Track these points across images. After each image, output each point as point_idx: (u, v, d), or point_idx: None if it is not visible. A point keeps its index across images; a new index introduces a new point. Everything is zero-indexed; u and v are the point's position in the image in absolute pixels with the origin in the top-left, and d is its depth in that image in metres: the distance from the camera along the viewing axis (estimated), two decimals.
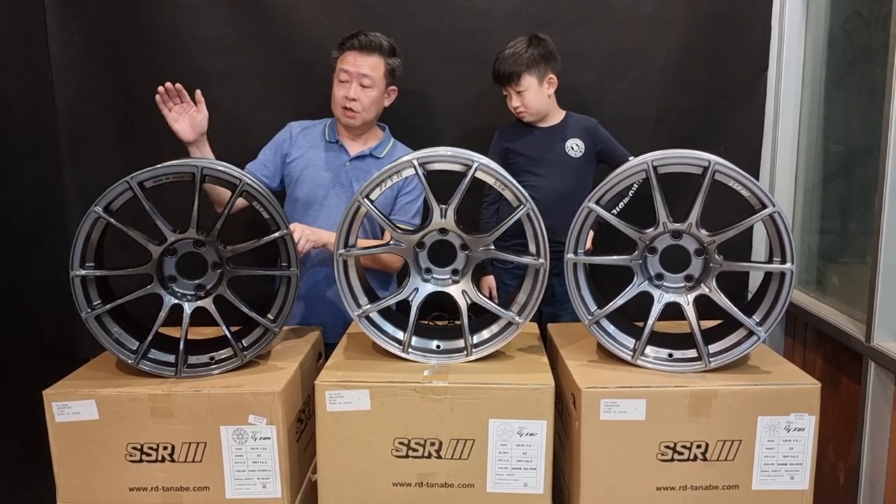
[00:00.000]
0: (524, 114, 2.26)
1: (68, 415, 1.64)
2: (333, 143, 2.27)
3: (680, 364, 1.72)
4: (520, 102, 2.24)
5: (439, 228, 1.75)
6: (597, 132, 2.31)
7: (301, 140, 2.27)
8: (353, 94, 2.17)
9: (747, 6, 2.44)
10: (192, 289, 1.79)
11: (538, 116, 2.29)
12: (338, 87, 2.20)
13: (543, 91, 2.25)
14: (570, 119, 2.34)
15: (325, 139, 2.28)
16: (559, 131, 2.32)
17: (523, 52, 2.21)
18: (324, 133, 2.29)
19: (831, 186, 2.52)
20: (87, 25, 2.45)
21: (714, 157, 1.64)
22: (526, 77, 2.21)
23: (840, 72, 2.43)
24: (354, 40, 2.18)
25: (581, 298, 1.76)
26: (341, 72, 2.18)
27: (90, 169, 2.50)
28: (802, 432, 1.61)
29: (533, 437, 1.62)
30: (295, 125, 2.31)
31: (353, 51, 2.18)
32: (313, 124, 2.32)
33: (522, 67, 2.20)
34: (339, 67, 2.20)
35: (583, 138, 2.30)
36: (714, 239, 1.68)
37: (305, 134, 2.29)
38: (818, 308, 2.33)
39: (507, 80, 2.22)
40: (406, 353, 1.77)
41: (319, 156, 2.25)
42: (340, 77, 2.19)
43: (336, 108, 2.22)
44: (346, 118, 2.21)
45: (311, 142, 2.28)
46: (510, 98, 2.27)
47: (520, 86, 2.22)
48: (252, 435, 1.65)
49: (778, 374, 1.68)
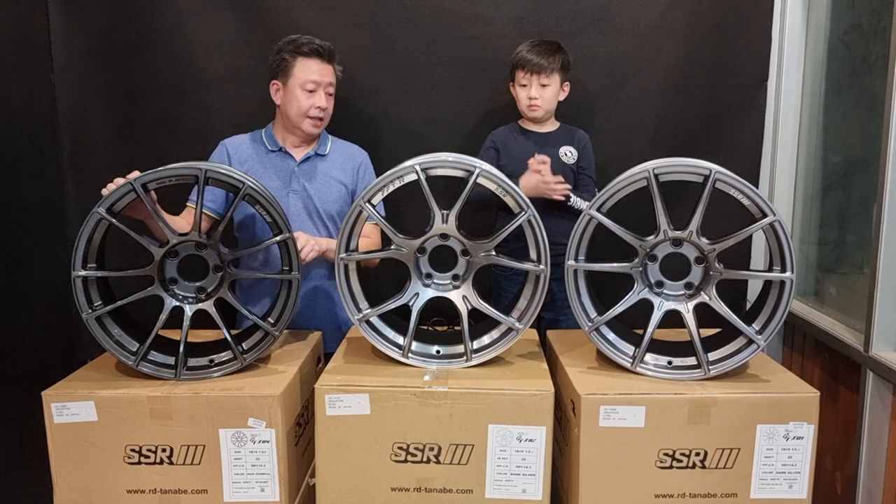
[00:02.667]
0: (537, 107, 2.28)
1: (67, 416, 1.64)
2: (277, 152, 2.22)
3: (679, 372, 1.72)
4: (539, 95, 2.26)
5: (440, 234, 1.75)
6: (586, 146, 2.34)
7: (241, 155, 2.21)
8: (324, 104, 2.17)
9: (747, 17, 2.46)
10: (193, 291, 1.79)
11: (546, 114, 2.31)
12: (304, 96, 2.14)
13: (559, 94, 2.30)
14: (563, 128, 2.37)
15: (267, 148, 2.22)
16: (553, 138, 2.34)
17: (556, 50, 2.26)
18: (263, 142, 2.23)
19: (830, 197, 2.53)
20: (89, 28, 2.46)
21: (715, 166, 1.65)
22: (555, 74, 2.26)
23: (839, 83, 2.45)
24: (314, 47, 2.15)
25: (581, 305, 1.77)
26: (308, 81, 2.14)
27: (91, 171, 2.50)
28: (801, 441, 1.62)
29: (532, 442, 1.62)
30: (228, 143, 2.23)
31: (316, 59, 2.15)
32: (245, 137, 2.26)
33: (556, 64, 2.25)
34: (301, 76, 2.14)
35: (575, 147, 2.32)
36: (714, 247, 1.69)
37: (243, 148, 2.22)
38: (816, 318, 2.34)
39: (539, 69, 2.24)
40: (406, 357, 1.77)
41: (263, 166, 2.20)
42: (307, 86, 2.14)
43: (299, 116, 2.16)
44: (312, 127, 2.19)
45: (251, 154, 2.21)
46: (530, 87, 2.27)
47: (548, 79, 2.25)
48: (251, 438, 1.65)
49: (777, 382, 1.69)
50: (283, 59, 2.15)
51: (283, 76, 2.17)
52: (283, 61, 2.16)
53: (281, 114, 2.22)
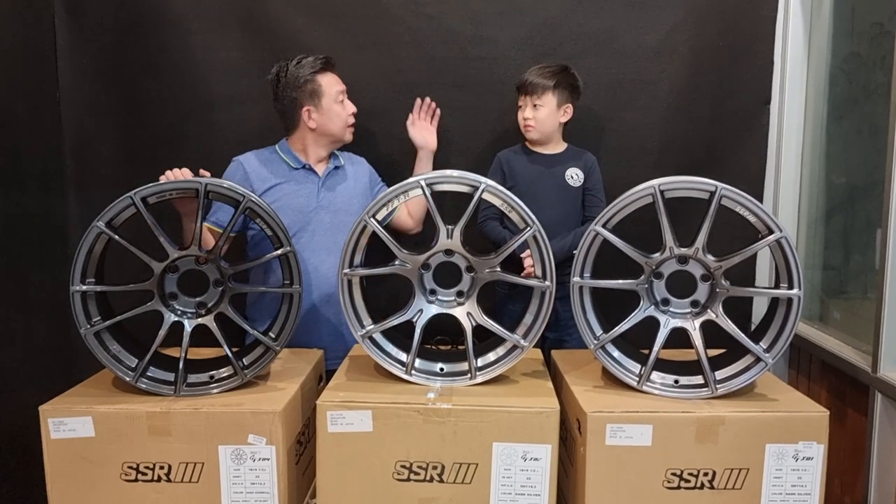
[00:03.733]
0: (531, 128, 2.28)
1: (64, 431, 1.61)
2: (300, 169, 2.24)
3: (686, 390, 1.70)
4: (532, 115, 2.27)
5: (445, 250, 1.74)
6: (593, 169, 2.34)
7: (262, 171, 2.21)
8: (354, 109, 2.26)
9: (750, 41, 2.47)
10: (193, 306, 1.77)
11: (542, 137, 2.30)
12: (341, 107, 2.23)
13: (557, 116, 2.28)
14: (570, 150, 2.37)
15: (290, 165, 2.23)
16: (560, 160, 2.33)
17: (556, 72, 2.27)
18: (282, 160, 2.24)
19: (834, 221, 2.53)
20: (96, 47, 2.47)
21: (720, 183, 1.64)
22: (548, 94, 2.25)
23: (840, 109, 2.46)
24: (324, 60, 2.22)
25: (587, 323, 1.75)
26: (338, 93, 2.22)
27: (94, 189, 2.50)
28: (811, 461, 1.59)
29: (537, 461, 1.59)
30: (243, 160, 2.23)
31: (329, 70, 2.24)
32: (261, 153, 2.26)
33: (549, 85, 2.24)
34: (330, 91, 2.20)
35: (581, 169, 2.32)
36: (721, 264, 1.68)
37: (262, 166, 2.22)
38: (823, 339, 2.31)
39: (531, 90, 2.25)
40: (409, 375, 1.74)
41: (289, 183, 2.21)
42: (338, 98, 2.22)
43: (341, 126, 2.24)
44: (350, 134, 2.27)
45: (273, 172, 2.21)
46: (524, 108, 2.29)
47: (540, 100, 2.25)
48: (251, 455, 1.62)
49: (785, 401, 1.66)
50: (306, 80, 2.19)
51: (314, 99, 2.20)
52: (306, 83, 2.19)
53: (318, 134, 2.23)
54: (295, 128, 2.25)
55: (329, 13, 2.47)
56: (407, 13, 2.46)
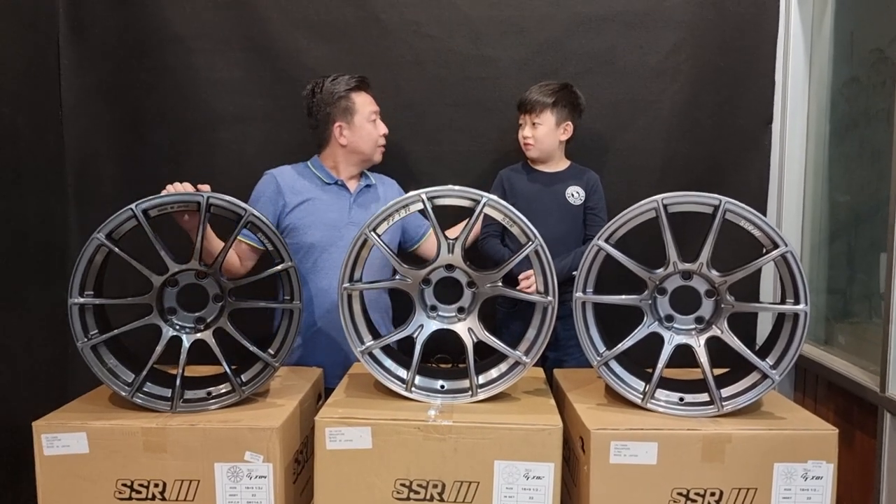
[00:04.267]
0: (530, 146, 2.28)
1: (58, 447, 1.58)
2: (333, 184, 2.25)
3: (691, 408, 1.67)
4: (531, 134, 2.26)
5: (446, 265, 1.73)
6: (595, 188, 2.32)
7: (295, 185, 2.22)
8: (386, 130, 2.28)
9: (751, 61, 2.47)
10: (192, 321, 1.75)
11: (542, 154, 2.30)
12: (373, 126, 2.25)
13: (557, 134, 2.28)
14: (572, 169, 2.36)
15: (322, 181, 2.25)
16: (561, 178, 2.33)
17: (555, 90, 2.26)
18: (315, 175, 2.26)
19: (837, 244, 2.51)
20: (100, 66, 2.48)
21: (724, 197, 1.63)
22: (546, 112, 2.25)
23: (841, 133, 2.45)
24: (360, 79, 2.26)
25: (589, 339, 1.72)
26: (371, 113, 2.24)
27: (96, 208, 2.48)
28: (820, 481, 1.55)
29: (540, 480, 1.56)
30: (276, 174, 2.24)
31: (364, 89, 2.26)
32: (295, 167, 2.28)
33: (548, 103, 2.24)
34: (363, 109, 2.23)
35: (583, 187, 2.31)
36: (725, 279, 1.66)
37: (295, 180, 2.23)
38: (829, 360, 2.28)
39: (530, 108, 2.25)
40: (409, 392, 1.72)
41: (322, 198, 2.22)
42: (371, 118, 2.24)
43: (371, 145, 2.25)
44: (380, 155, 2.29)
45: (306, 186, 2.23)
46: (524, 127, 2.29)
47: (538, 118, 2.25)
48: (247, 473, 1.59)
49: (793, 419, 1.63)
50: (340, 97, 2.21)
51: (346, 115, 2.22)
52: (340, 99, 2.21)
53: (349, 151, 2.24)
54: (326, 144, 2.27)
55: (330, 33, 2.48)
56: (408, 33, 2.47)
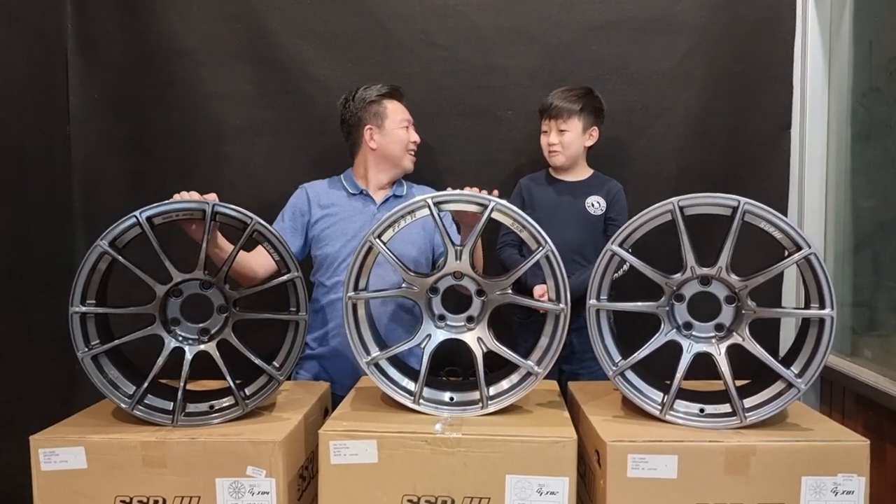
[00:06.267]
0: (557, 153, 2.22)
1: (55, 463, 1.53)
2: (358, 195, 2.24)
3: (713, 420, 1.59)
4: (557, 141, 2.21)
5: (454, 272, 1.67)
6: (617, 198, 2.26)
7: (322, 199, 2.24)
8: (418, 139, 2.28)
9: (767, 65, 2.42)
10: (196, 333, 1.71)
11: (568, 161, 2.24)
12: (402, 132, 2.24)
13: (583, 140, 2.24)
14: (595, 178, 2.30)
15: (348, 191, 2.25)
16: (582, 187, 2.27)
17: (580, 95, 2.22)
18: (343, 186, 2.26)
19: (862, 254, 2.42)
20: (108, 81, 2.47)
21: (743, 198, 1.57)
22: (574, 119, 2.20)
23: (863, 142, 2.38)
24: (396, 88, 2.27)
25: (604, 348, 1.66)
26: (403, 120, 2.25)
27: (103, 223, 2.43)
28: (852, 496, 1.47)
29: (554, 496, 1.49)
30: (308, 187, 2.27)
31: (400, 100, 2.28)
32: (325, 182, 2.30)
33: (575, 109, 2.20)
34: (396, 116, 2.24)
35: (604, 197, 2.25)
36: (746, 284, 1.59)
37: (323, 192, 2.25)
38: (857, 371, 2.19)
39: (556, 114, 2.20)
40: (417, 404, 1.66)
41: (346, 209, 2.22)
42: (402, 124, 2.24)
43: (401, 151, 2.24)
44: (411, 163, 2.28)
45: (332, 198, 2.24)
46: (549, 134, 2.23)
47: (565, 124, 2.20)
48: (249, 489, 1.53)
49: (821, 431, 1.55)
50: (373, 101, 2.23)
51: (377, 119, 2.23)
52: (372, 104, 2.23)
53: (378, 156, 2.24)
54: (357, 149, 2.27)
55: (338, 44, 2.45)
56: (416, 43, 2.45)
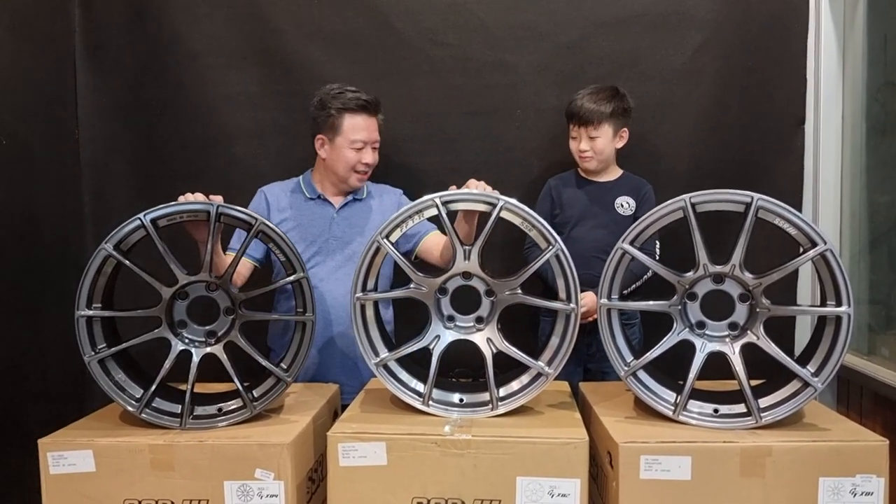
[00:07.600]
0: (590, 159, 2.19)
1: (64, 466, 1.53)
2: (315, 199, 2.19)
3: (727, 420, 1.56)
4: (589, 147, 2.18)
5: (462, 272, 1.65)
6: (646, 198, 2.22)
7: (280, 202, 2.19)
8: (370, 160, 2.14)
9: (780, 59, 2.38)
10: (203, 335, 1.70)
11: (602, 164, 2.22)
12: (350, 153, 2.11)
13: (615, 143, 2.21)
14: (625, 178, 2.27)
15: (305, 195, 2.19)
16: (612, 188, 2.24)
17: (609, 97, 2.17)
18: (301, 190, 2.20)
19: (879, 251, 2.37)
20: (116, 84, 2.47)
21: (756, 194, 1.54)
22: (605, 125, 2.17)
23: (879, 137, 2.34)
24: (361, 102, 2.11)
25: (616, 348, 1.64)
26: (356, 140, 2.10)
27: (112, 226, 2.45)
28: (871, 497, 1.43)
29: (565, 498, 1.46)
30: (267, 191, 2.21)
31: (363, 114, 2.12)
32: (284, 185, 2.24)
33: (606, 113, 2.16)
34: (349, 134, 2.10)
35: (633, 196, 2.22)
36: (760, 282, 1.56)
37: (283, 196, 2.20)
38: (874, 370, 2.15)
39: (587, 121, 2.16)
40: (426, 406, 1.64)
41: (304, 213, 2.17)
42: (354, 145, 2.11)
43: (347, 171, 2.13)
44: (358, 182, 2.17)
45: (290, 201, 2.19)
46: (579, 140, 2.19)
47: (596, 131, 2.17)
48: (258, 492, 1.51)
49: (838, 431, 1.52)
50: (330, 114, 2.11)
51: (329, 132, 2.12)
52: (329, 116, 2.11)
53: (326, 167, 2.17)
54: (315, 154, 2.21)
55: (346, 44, 2.44)
56: (424, 42, 2.43)
